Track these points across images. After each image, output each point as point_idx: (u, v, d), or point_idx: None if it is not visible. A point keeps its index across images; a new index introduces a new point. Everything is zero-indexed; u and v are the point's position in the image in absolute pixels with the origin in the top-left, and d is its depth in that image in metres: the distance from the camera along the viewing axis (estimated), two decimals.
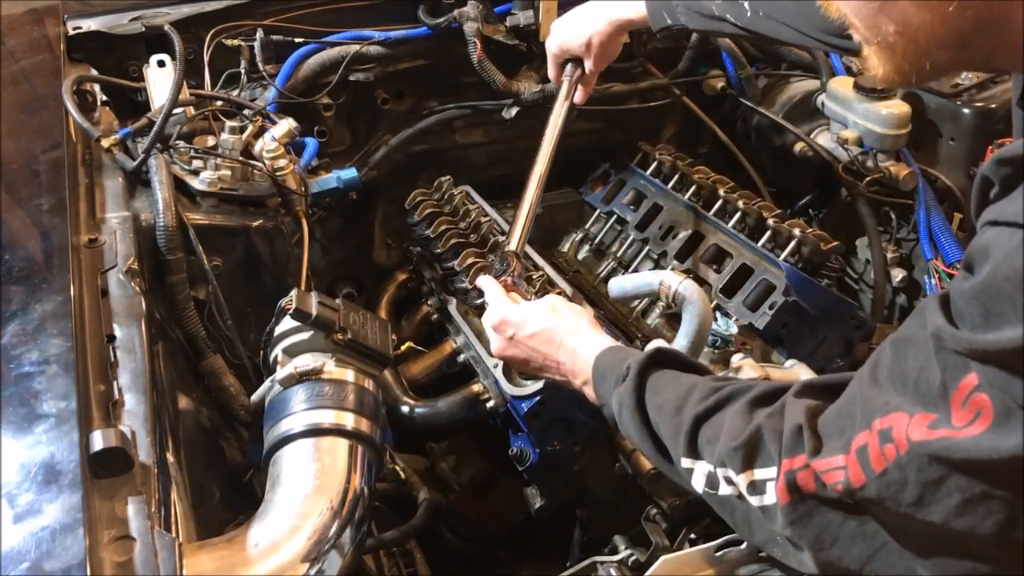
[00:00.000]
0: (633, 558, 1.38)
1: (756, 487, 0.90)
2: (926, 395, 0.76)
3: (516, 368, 1.42)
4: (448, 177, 2.06)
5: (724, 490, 0.94)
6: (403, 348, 1.85)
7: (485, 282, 1.50)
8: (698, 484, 0.98)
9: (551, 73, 1.82)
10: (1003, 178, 0.74)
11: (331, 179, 1.78)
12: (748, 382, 1.04)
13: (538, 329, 1.32)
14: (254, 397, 1.35)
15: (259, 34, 1.90)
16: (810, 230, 1.81)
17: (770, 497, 0.88)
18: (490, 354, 1.48)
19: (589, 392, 1.23)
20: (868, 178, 2.04)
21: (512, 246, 1.58)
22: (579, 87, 1.79)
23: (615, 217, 2.12)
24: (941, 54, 0.82)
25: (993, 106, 1.94)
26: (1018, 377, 0.69)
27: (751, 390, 0.98)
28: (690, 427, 0.98)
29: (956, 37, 0.80)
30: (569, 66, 1.78)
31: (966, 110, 1.96)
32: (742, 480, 0.91)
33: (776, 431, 0.89)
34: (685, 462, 0.99)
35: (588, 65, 1.75)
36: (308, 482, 1.12)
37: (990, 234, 0.73)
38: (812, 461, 0.84)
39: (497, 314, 1.39)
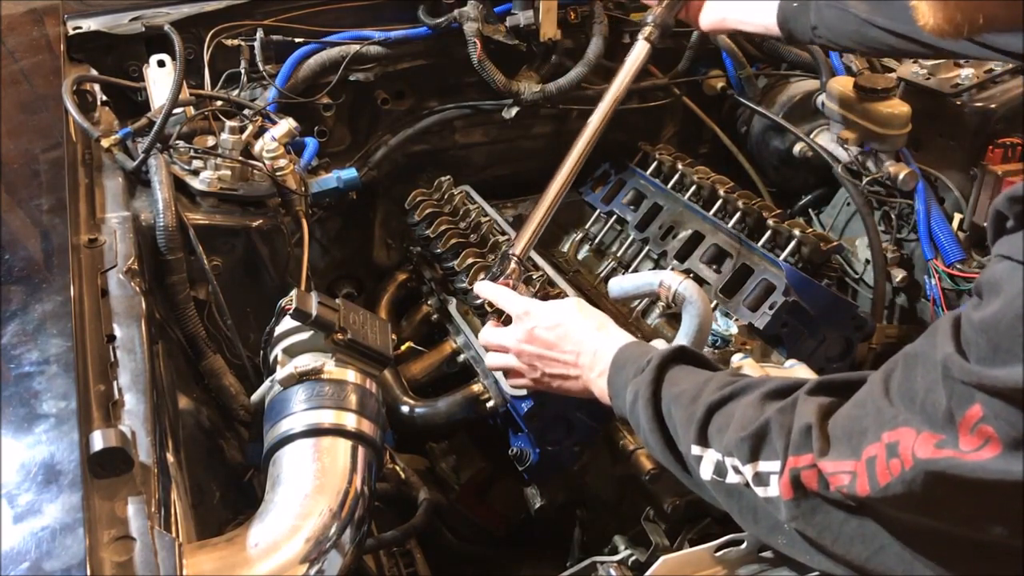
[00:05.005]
0: (633, 558, 1.38)
1: (761, 478, 0.91)
2: (932, 416, 0.76)
3: (518, 370, 1.40)
4: (448, 177, 2.06)
5: (732, 478, 0.95)
6: (403, 348, 1.85)
7: (486, 286, 1.49)
8: (706, 472, 0.99)
9: None
10: (1017, 214, 0.74)
11: (331, 179, 1.77)
12: (764, 377, 1.05)
13: (564, 321, 1.32)
14: (254, 397, 1.35)
15: (259, 34, 1.90)
16: (810, 230, 1.81)
17: (773, 490, 0.89)
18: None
19: (601, 384, 1.23)
20: (868, 178, 2.04)
21: (516, 250, 1.57)
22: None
23: (615, 217, 2.12)
24: (996, 7, 0.79)
25: (993, 106, 1.94)
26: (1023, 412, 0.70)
27: (766, 384, 0.99)
28: (703, 415, 0.99)
29: None
30: None
31: (966, 110, 1.96)
32: (748, 470, 0.92)
33: (785, 426, 0.90)
34: (695, 449, 1.00)
35: None
36: (308, 482, 1.12)
37: (1002, 268, 0.73)
38: (819, 461, 0.85)
39: (522, 305, 1.39)
